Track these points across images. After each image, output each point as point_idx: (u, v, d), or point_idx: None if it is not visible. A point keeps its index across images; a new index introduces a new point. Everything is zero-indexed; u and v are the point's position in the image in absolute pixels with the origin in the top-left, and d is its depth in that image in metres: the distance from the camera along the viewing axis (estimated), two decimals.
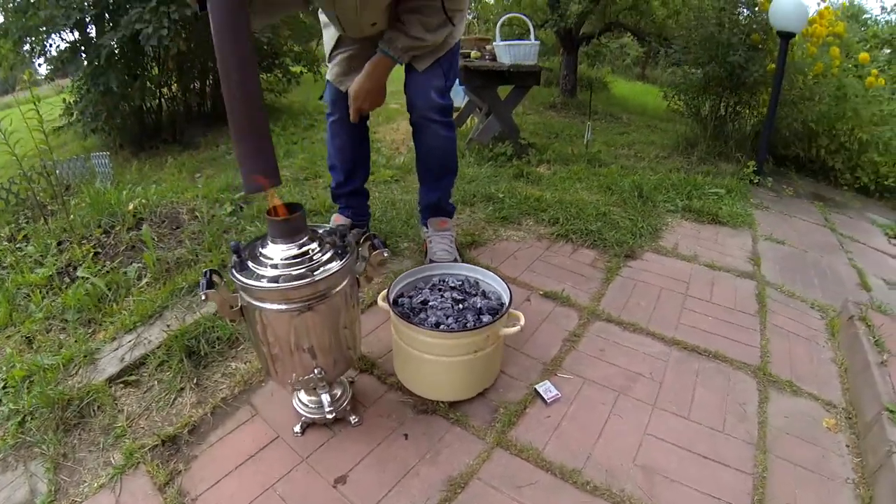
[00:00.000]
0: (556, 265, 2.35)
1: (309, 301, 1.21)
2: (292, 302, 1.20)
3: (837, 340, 2.06)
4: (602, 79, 11.09)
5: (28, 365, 1.77)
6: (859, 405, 1.68)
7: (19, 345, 2.01)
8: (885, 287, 2.69)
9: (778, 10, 3.83)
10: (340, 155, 2.29)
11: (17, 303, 2.28)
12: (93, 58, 5.09)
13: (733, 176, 4.11)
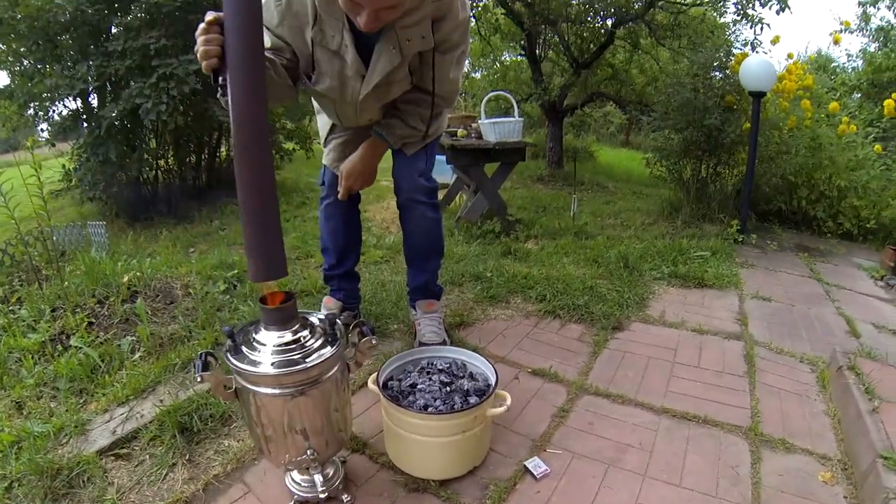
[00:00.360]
0: (543, 342, 2.40)
1: (301, 386, 1.26)
2: (285, 387, 1.25)
3: (829, 392, 2.09)
4: (587, 148, 11.40)
5: (17, 430, 1.77)
6: (854, 455, 1.69)
7: (9, 409, 2.01)
8: (875, 331, 2.74)
9: (747, 71, 4.08)
10: (333, 237, 2.37)
11: (8, 366, 2.28)
12: (94, 128, 5.29)
13: (718, 237, 4.22)
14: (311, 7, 1.71)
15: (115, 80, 5.41)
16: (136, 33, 5.24)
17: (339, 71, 1.83)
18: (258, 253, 1.26)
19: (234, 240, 4.53)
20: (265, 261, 1.26)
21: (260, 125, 1.24)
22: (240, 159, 1.23)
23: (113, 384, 2.08)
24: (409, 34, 1.76)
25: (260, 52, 1.25)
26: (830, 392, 2.08)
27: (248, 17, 1.21)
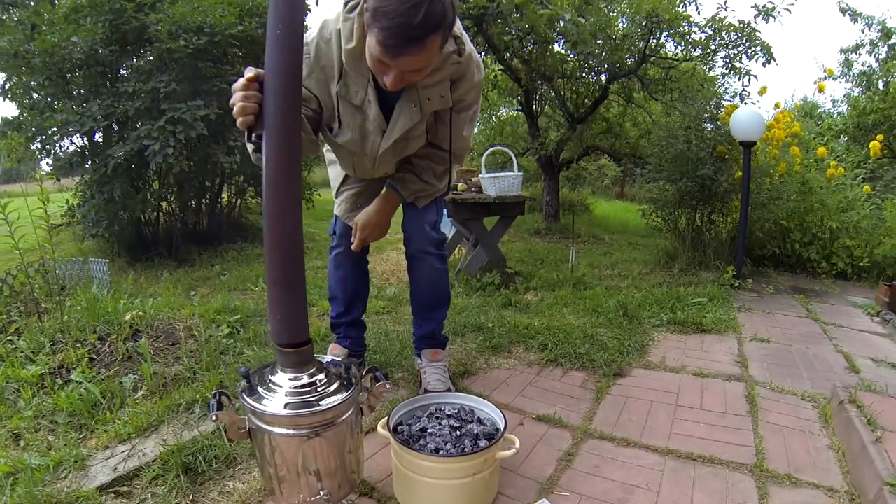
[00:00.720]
0: (547, 389, 2.42)
1: (317, 428, 1.27)
2: (301, 428, 1.26)
3: (831, 426, 2.11)
4: (583, 201, 11.54)
5: (14, 461, 1.76)
6: (860, 485, 1.70)
7: (5, 440, 1.99)
8: (874, 365, 2.79)
9: (737, 122, 4.23)
10: (342, 286, 2.42)
11: (5, 396, 2.27)
12: (100, 165, 5.32)
13: (714, 283, 4.29)
14: (337, 62, 1.79)
15: (124, 120, 5.51)
16: (146, 76, 5.35)
17: (361, 125, 1.90)
18: (283, 315, 1.29)
19: (235, 285, 4.56)
20: (288, 323, 1.30)
21: (293, 188, 1.27)
22: (269, 220, 1.27)
23: (114, 421, 2.07)
24: (430, 93, 1.84)
25: (298, 113, 1.29)
26: (833, 426, 2.10)
27: (289, 79, 1.25)
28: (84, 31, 5.39)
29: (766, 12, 6.35)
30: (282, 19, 1.23)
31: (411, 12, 1.42)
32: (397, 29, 1.44)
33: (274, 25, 1.23)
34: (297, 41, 1.26)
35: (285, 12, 1.23)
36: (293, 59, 1.26)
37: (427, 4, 1.42)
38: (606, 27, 6.31)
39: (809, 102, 12.26)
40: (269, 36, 1.24)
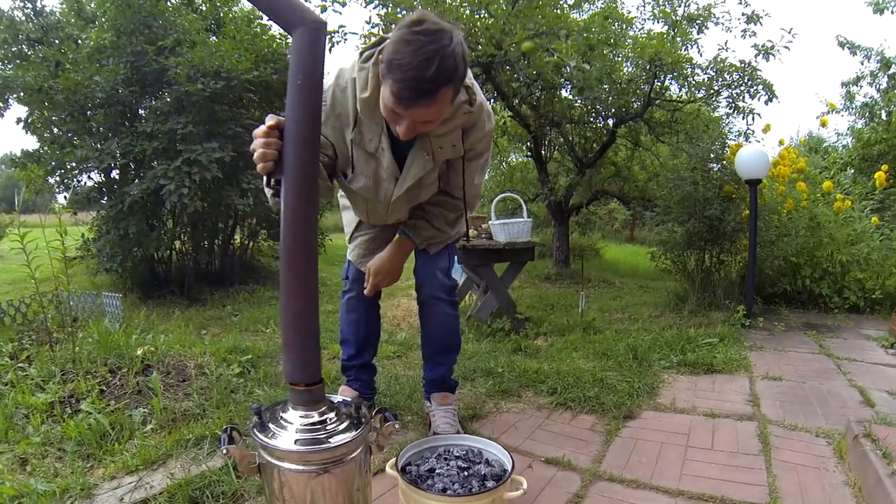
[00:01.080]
0: (555, 432, 2.41)
1: (326, 464, 1.27)
2: (310, 464, 1.27)
3: (847, 462, 2.07)
4: (594, 246, 11.55)
5: (19, 486, 1.77)
6: None
7: (12, 463, 2.01)
8: (889, 398, 2.77)
9: (742, 161, 4.29)
10: (354, 329, 2.46)
11: (14, 421, 2.30)
12: (116, 202, 5.43)
13: (725, 323, 4.28)
14: (352, 110, 1.84)
15: (141, 159, 5.63)
16: (164, 117, 5.49)
17: (375, 172, 1.95)
18: (296, 355, 1.31)
19: (247, 326, 4.59)
20: (301, 363, 1.32)
21: (310, 233, 1.30)
22: (286, 264, 1.29)
23: (122, 452, 2.09)
24: (442, 142, 1.89)
25: (316, 161, 1.34)
26: (848, 462, 2.07)
27: (309, 127, 1.29)
28: (106, 71, 5.59)
29: (766, 51, 6.49)
30: (303, 70, 1.27)
31: (424, 66, 1.46)
32: (410, 81, 1.49)
33: (295, 75, 1.27)
34: (317, 91, 1.30)
35: (307, 63, 1.28)
36: (313, 108, 1.30)
37: (439, 58, 1.46)
38: (612, 72, 6.42)
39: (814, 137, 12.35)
40: (291, 85, 1.28)
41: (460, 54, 1.53)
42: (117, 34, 5.84)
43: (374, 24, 5.78)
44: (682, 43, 7.06)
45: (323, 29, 1.33)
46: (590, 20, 6.23)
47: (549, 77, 5.62)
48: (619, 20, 7.31)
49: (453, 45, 1.50)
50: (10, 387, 2.60)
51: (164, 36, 5.85)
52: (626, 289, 7.03)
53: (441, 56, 1.47)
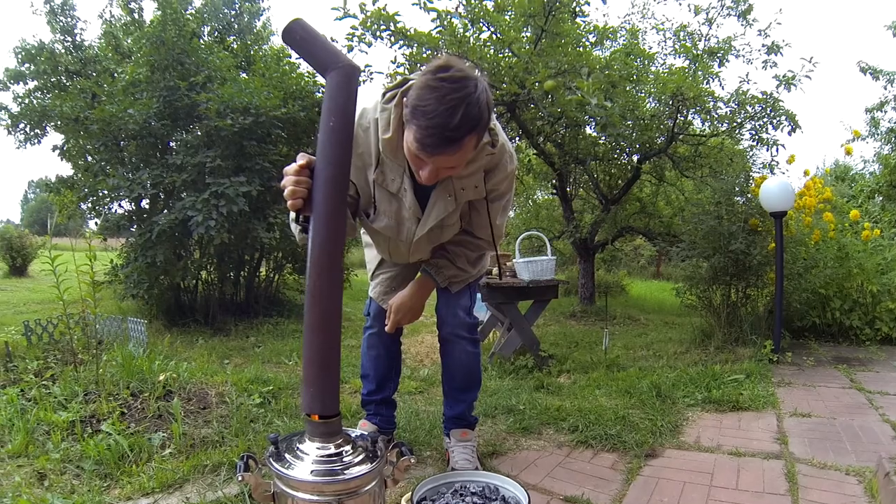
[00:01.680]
0: (576, 470, 2.37)
1: (340, 496, 1.28)
2: (325, 495, 1.27)
3: (878, 501, 2.00)
4: (619, 282, 11.46)
5: (36, 500, 1.79)
6: None
7: (30, 477, 2.04)
8: None
9: (766, 194, 4.25)
10: (375, 364, 2.47)
11: (35, 437, 2.34)
12: (145, 231, 5.56)
13: (751, 359, 4.19)
14: (374, 150, 1.87)
15: (170, 190, 5.76)
16: (194, 150, 5.64)
17: (397, 212, 1.97)
18: (315, 388, 1.33)
19: (269, 358, 4.62)
20: (321, 398, 1.34)
21: (335, 273, 1.34)
22: (311, 302, 1.32)
23: (139, 474, 2.11)
24: (464, 184, 1.91)
25: (345, 202, 1.38)
26: (880, 501, 1.99)
27: (339, 170, 1.34)
28: (140, 104, 5.79)
29: (788, 81, 6.48)
30: (336, 111, 1.32)
31: (449, 113, 1.46)
32: (435, 129, 1.48)
33: (328, 117, 1.32)
34: (349, 134, 1.36)
35: (340, 105, 1.33)
36: (344, 151, 1.35)
37: (465, 107, 1.46)
38: (635, 108, 6.45)
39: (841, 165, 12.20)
40: (323, 127, 1.33)
41: (485, 101, 1.53)
42: (151, 69, 6.09)
43: (399, 64, 5.90)
44: (703, 77, 7.09)
45: (356, 72, 1.38)
46: (611, 57, 6.29)
47: (573, 115, 5.66)
48: (641, 56, 7.38)
49: (478, 93, 1.50)
50: (34, 403, 2.67)
51: (196, 72, 6.06)
52: (652, 325, 6.96)
53: (466, 104, 1.47)
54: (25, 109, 8.48)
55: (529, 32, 6.05)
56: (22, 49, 9.89)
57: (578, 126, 6.89)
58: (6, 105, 9.45)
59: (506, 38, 5.59)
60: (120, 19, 10.46)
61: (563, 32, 5.73)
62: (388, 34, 5.52)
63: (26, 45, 9.95)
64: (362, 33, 5.48)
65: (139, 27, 9.49)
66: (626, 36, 8.03)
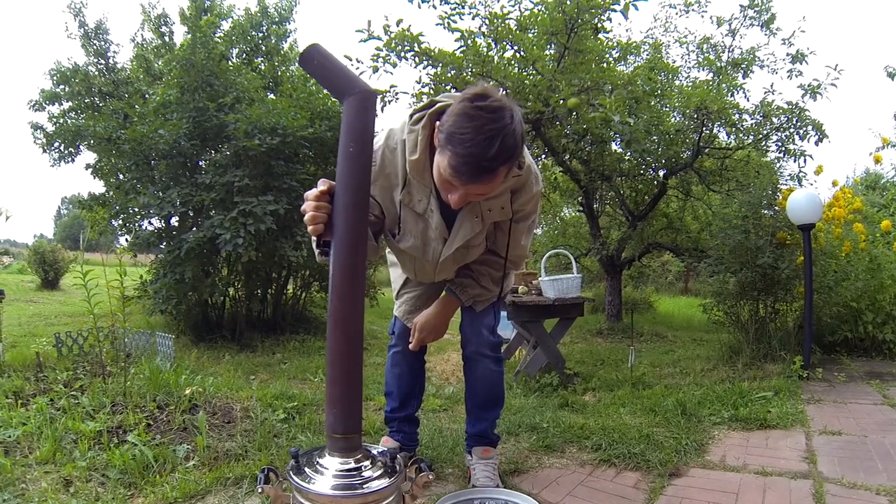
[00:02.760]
0: (598, 489, 2.35)
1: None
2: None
3: None
4: (647, 299, 11.34)
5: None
6: None
7: (56, 483, 2.10)
8: None
9: (793, 207, 4.18)
10: (398, 382, 2.48)
11: (62, 444, 2.41)
12: (174, 248, 5.69)
13: (780, 375, 4.12)
14: (401, 171, 1.89)
15: (199, 208, 5.89)
16: (223, 170, 5.77)
17: (423, 232, 2.00)
18: (338, 408, 1.36)
19: (295, 374, 4.67)
20: (343, 415, 1.36)
21: (356, 297, 1.37)
22: (333, 325, 1.36)
23: (163, 484, 2.16)
24: (491, 205, 1.94)
25: (365, 227, 1.41)
26: None
27: (358, 196, 1.37)
28: (170, 124, 5.95)
29: (813, 90, 6.37)
30: (354, 137, 1.36)
31: (486, 144, 1.48)
32: (471, 158, 1.51)
33: (347, 143, 1.35)
34: (367, 160, 1.39)
35: (358, 131, 1.36)
36: (364, 176, 1.38)
37: (501, 138, 1.49)
38: (659, 123, 6.42)
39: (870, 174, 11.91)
40: (342, 153, 1.36)
41: (520, 133, 1.55)
42: (181, 91, 6.26)
43: (424, 84, 5.96)
44: (727, 89, 7.02)
45: (373, 98, 1.42)
46: (635, 73, 6.27)
47: (597, 131, 5.66)
48: (665, 70, 7.35)
49: (514, 124, 1.52)
50: (62, 413, 2.74)
51: (224, 93, 6.20)
52: (679, 342, 6.87)
53: (503, 135, 1.49)
54: (60, 129, 8.78)
55: (552, 50, 6.07)
56: (57, 71, 10.22)
57: (604, 142, 6.88)
58: (42, 125, 9.73)
59: (529, 57, 5.62)
60: (151, 42, 10.78)
61: (586, 49, 5.73)
62: (412, 55, 5.59)
63: (61, 67, 10.28)
64: (387, 54, 5.55)
65: (169, 50, 9.78)
66: (649, 50, 8.01)
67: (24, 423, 2.64)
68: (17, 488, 2.06)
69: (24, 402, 3.00)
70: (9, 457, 2.32)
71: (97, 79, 10.52)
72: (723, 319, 5.20)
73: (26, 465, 2.28)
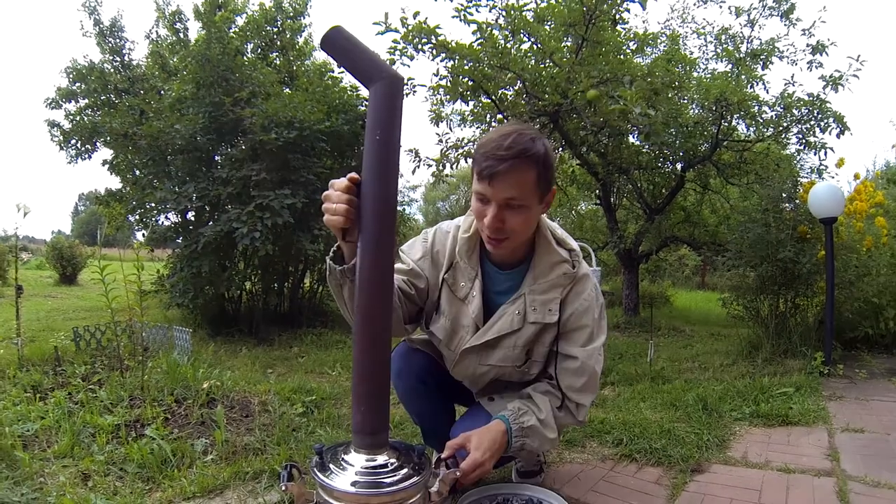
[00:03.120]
0: (619, 485, 2.33)
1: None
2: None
3: None
4: (664, 293, 11.27)
5: (79, 499, 1.85)
6: None
7: (74, 477, 2.11)
8: None
9: (815, 200, 4.12)
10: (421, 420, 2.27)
11: (81, 438, 2.42)
12: (191, 242, 5.71)
13: (801, 371, 4.06)
14: (449, 252, 1.89)
15: (216, 202, 5.92)
16: (239, 164, 5.80)
17: (456, 316, 1.89)
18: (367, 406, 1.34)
19: (313, 368, 4.68)
20: (369, 413, 1.34)
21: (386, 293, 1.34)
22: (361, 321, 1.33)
23: (181, 479, 2.16)
24: (535, 303, 1.81)
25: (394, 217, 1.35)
26: None
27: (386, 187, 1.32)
28: (186, 120, 5.98)
29: (835, 81, 6.29)
30: (382, 124, 1.31)
31: (502, 139, 1.59)
32: (489, 152, 1.59)
33: (373, 130, 1.31)
34: (394, 148, 1.34)
35: (385, 118, 1.32)
36: (392, 165, 1.33)
37: (516, 134, 1.59)
38: (678, 115, 6.36)
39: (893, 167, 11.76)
40: (369, 141, 1.31)
41: (541, 141, 1.63)
42: (197, 86, 6.28)
43: (441, 77, 5.94)
44: (747, 81, 6.92)
45: (400, 83, 1.36)
46: (653, 64, 6.21)
47: (615, 124, 5.61)
48: (683, 62, 7.26)
49: (533, 134, 1.64)
50: (81, 406, 2.77)
51: (240, 88, 6.22)
52: (697, 337, 6.79)
53: (518, 133, 1.60)
54: (77, 126, 8.83)
55: (570, 42, 6.03)
56: (73, 69, 10.28)
57: (621, 135, 6.83)
58: (58, 122, 9.79)
59: (546, 49, 5.59)
60: (166, 39, 10.81)
61: (604, 41, 5.69)
62: (429, 47, 5.57)
63: (77, 64, 10.34)
64: (404, 47, 5.54)
65: (185, 46, 9.80)
66: (666, 42, 7.92)
67: (43, 417, 2.66)
68: (35, 482, 2.07)
69: (43, 397, 3.03)
70: (27, 451, 2.33)
71: (113, 76, 10.57)
72: (742, 314, 5.14)
73: (45, 458, 2.29)
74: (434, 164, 6.59)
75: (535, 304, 1.80)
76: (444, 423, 2.17)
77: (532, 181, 1.61)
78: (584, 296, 1.83)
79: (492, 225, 1.63)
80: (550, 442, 1.81)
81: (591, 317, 1.84)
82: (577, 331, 1.84)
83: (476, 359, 1.89)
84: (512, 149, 1.56)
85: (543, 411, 1.78)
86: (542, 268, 1.80)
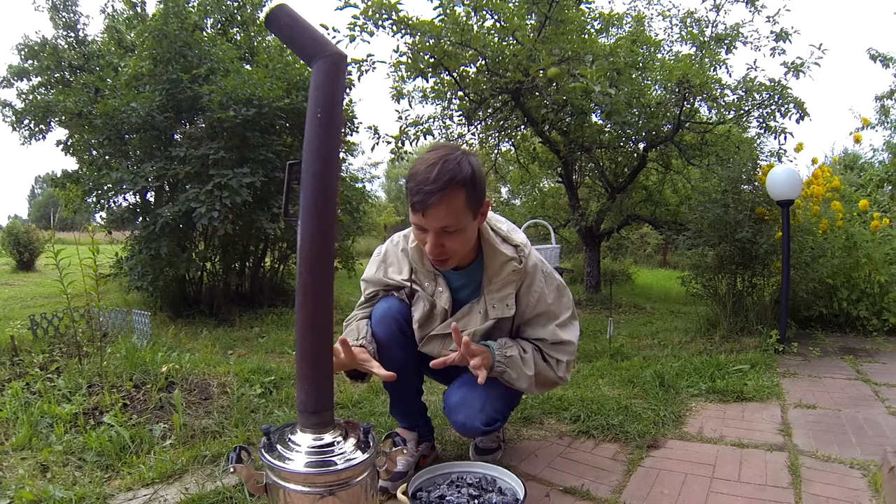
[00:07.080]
0: (576, 461, 2.35)
1: (331, 487, 1.27)
2: (315, 486, 1.27)
3: (882, 495, 1.96)
4: (625, 271, 11.41)
5: (39, 491, 1.82)
6: None
7: (33, 469, 2.07)
8: None
9: (773, 182, 4.18)
10: None
11: (39, 429, 2.37)
12: (149, 223, 5.58)
13: (757, 349, 4.16)
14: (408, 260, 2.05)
15: (174, 182, 5.77)
16: (197, 142, 5.66)
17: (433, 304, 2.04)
18: (310, 384, 1.33)
19: (273, 348, 4.63)
20: (313, 392, 1.33)
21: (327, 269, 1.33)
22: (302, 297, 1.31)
23: (139, 465, 2.13)
24: (494, 301, 1.97)
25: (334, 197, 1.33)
26: (884, 495, 1.95)
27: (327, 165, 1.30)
28: (143, 97, 5.79)
29: (796, 68, 6.42)
30: (323, 102, 1.29)
31: (429, 170, 1.66)
32: (419, 185, 1.67)
33: (315, 108, 1.28)
34: (336, 125, 1.32)
35: (327, 96, 1.30)
36: (333, 143, 1.31)
37: (442, 163, 1.66)
38: (640, 95, 6.39)
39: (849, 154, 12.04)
40: (310, 119, 1.29)
41: (466, 161, 1.71)
42: (154, 63, 6.09)
43: (401, 53, 5.86)
44: (710, 64, 7.00)
45: (343, 61, 1.34)
46: (616, 44, 6.22)
47: (578, 102, 5.62)
48: (647, 43, 7.30)
49: (458, 154, 1.71)
50: (38, 396, 2.69)
51: (198, 65, 6.05)
52: (657, 314, 6.91)
53: (444, 160, 1.67)
54: (29, 105, 8.53)
55: (534, 20, 6.00)
56: (25, 45, 9.92)
57: (584, 114, 6.85)
58: (10, 102, 9.47)
59: (509, 26, 5.55)
60: (122, 13, 10.47)
61: (568, 19, 5.67)
62: (389, 23, 5.49)
63: (29, 41, 9.98)
64: (364, 23, 5.45)
65: (142, 21, 9.49)
66: (631, 23, 7.94)
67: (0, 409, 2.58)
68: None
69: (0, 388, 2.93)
70: None
71: (67, 52, 10.23)
72: (701, 292, 5.23)
73: (2, 452, 2.23)
74: (393, 141, 6.52)
75: (493, 301, 1.97)
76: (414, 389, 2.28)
77: (462, 204, 1.71)
78: (534, 287, 2.00)
79: (433, 251, 1.77)
80: (528, 379, 1.96)
81: (545, 303, 2.02)
82: (537, 317, 2.04)
83: (440, 344, 2.05)
84: (439, 180, 1.64)
85: (527, 351, 1.99)
86: (494, 268, 1.94)
